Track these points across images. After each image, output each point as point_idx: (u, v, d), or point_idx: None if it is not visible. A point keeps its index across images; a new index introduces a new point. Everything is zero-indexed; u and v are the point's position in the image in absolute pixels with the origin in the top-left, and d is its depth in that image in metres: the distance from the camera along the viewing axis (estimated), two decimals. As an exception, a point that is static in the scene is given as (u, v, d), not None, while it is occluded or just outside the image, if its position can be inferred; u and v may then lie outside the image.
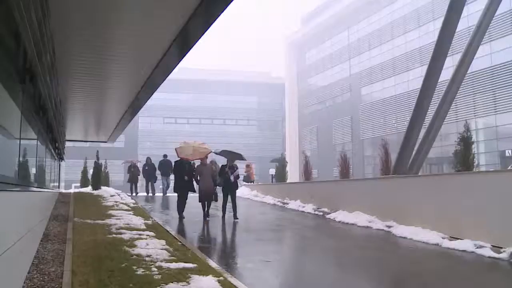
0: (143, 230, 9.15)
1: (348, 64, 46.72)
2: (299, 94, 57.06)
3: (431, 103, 14.38)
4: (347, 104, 46.04)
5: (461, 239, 8.92)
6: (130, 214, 11.52)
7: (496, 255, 7.84)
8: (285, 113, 61.21)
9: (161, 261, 6.39)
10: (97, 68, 10.20)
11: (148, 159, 21.04)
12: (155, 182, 21.01)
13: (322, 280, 6.38)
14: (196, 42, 8.24)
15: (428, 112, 14.54)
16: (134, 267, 5.94)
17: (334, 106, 48.81)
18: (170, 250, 7.29)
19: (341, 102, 47.65)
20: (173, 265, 6.17)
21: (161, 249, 7.30)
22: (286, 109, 59.77)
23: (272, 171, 24.17)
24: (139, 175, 21.15)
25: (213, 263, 6.80)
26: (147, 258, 6.52)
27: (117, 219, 10.45)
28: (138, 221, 10.21)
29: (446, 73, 15.46)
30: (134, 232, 8.75)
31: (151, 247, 7.35)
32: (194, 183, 12.70)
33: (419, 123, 14.15)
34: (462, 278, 6.84)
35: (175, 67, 9.89)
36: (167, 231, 9.74)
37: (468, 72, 16.72)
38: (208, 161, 12.80)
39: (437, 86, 14.38)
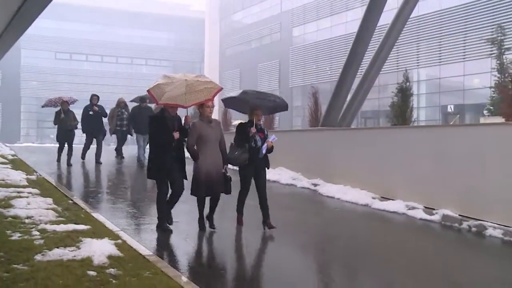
0: (24, 187, 8.76)
1: (279, -1, 46.58)
2: (221, 32, 56.19)
3: (368, 49, 14.73)
4: (275, 46, 46.11)
5: (392, 199, 9.46)
6: (7, 168, 10.94)
7: (428, 217, 8.44)
8: (204, 54, 60.24)
9: (46, 223, 6.19)
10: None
11: (94, 97, 14.12)
12: (103, 140, 14.57)
13: (235, 243, 6.46)
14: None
15: (364, 59, 14.90)
16: (9, 232, 5.69)
17: (260, 47, 48.72)
18: (58, 210, 7.07)
19: (269, 44, 47.63)
20: (61, 227, 6.00)
21: (47, 209, 7.04)
22: (206, 49, 58.80)
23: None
24: (76, 126, 13.71)
25: (110, 224, 6.65)
26: (26, 220, 6.29)
27: (-12, 174, 9.87)
28: (17, 177, 9.73)
29: (388, 15, 15.83)
30: (12, 189, 8.34)
31: (34, 207, 7.07)
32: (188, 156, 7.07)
33: (353, 71, 14.46)
34: (390, 241, 7.26)
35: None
36: (56, 187, 9.35)
37: (412, 16, 17.25)
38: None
39: (377, 29, 14.70)
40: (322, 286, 5.24)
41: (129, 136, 15.20)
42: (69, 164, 13.26)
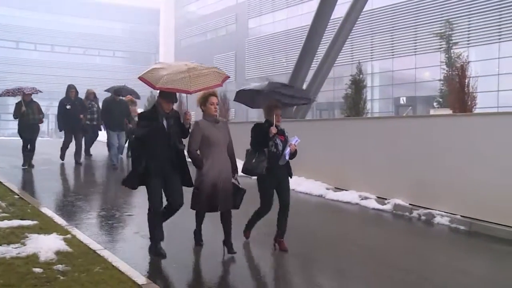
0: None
1: (236, -10, 46.38)
2: (176, 23, 55.53)
3: (322, 41, 14.84)
4: (231, 38, 45.96)
5: (346, 190, 9.59)
6: None
7: (380, 207, 8.61)
8: (159, 45, 59.39)
9: (-13, 220, 5.95)
10: None
11: (72, 91, 12.41)
12: (83, 137, 12.95)
13: (187, 234, 6.36)
14: None
15: (319, 51, 15.01)
16: None
17: (216, 39, 48.45)
18: (2, 206, 6.82)
19: (225, 35, 47.45)
20: (4, 224, 5.79)
21: (-11, 204, 6.77)
22: (161, 40, 57.99)
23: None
24: (41, 120, 11.87)
25: (59, 219, 6.44)
26: (-34, 217, 6.04)
27: None
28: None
29: (342, 8, 15.97)
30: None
31: (-27, 203, 6.79)
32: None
33: (307, 63, 14.56)
34: (343, 231, 7.35)
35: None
36: (0, 182, 9.00)
37: (365, 9, 17.48)
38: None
39: (331, 22, 14.81)
40: (274, 277, 5.23)
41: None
42: (30, 166, 11.59)
